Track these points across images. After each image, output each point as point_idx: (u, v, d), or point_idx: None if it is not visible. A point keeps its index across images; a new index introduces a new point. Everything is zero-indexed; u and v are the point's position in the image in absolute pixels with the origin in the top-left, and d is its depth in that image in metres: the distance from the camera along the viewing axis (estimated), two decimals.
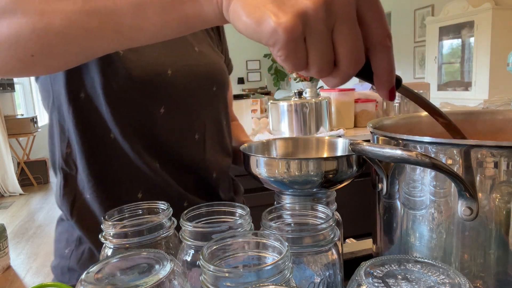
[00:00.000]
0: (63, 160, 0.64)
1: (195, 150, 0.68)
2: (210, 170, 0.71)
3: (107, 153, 0.62)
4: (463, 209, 0.38)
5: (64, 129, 0.63)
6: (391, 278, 0.29)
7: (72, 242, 0.65)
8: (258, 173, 0.51)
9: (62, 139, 0.63)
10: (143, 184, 0.64)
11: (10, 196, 4.53)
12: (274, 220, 0.44)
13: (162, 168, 0.64)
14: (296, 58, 0.31)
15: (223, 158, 0.76)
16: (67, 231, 0.66)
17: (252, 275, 0.30)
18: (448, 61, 4.69)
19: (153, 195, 0.62)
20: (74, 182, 0.64)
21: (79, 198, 0.63)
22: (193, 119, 0.68)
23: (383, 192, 0.46)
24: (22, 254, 2.97)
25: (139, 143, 0.62)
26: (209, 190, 0.72)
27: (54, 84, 0.61)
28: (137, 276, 0.32)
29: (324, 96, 2.05)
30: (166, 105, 0.63)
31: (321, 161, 0.48)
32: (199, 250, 0.38)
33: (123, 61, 0.59)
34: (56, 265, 0.67)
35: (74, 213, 0.63)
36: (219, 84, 0.73)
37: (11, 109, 5.34)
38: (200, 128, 0.69)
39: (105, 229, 0.43)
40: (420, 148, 0.41)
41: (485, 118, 0.60)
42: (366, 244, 0.65)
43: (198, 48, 0.71)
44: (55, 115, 0.63)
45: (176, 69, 0.64)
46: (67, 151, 0.63)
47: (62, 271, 0.65)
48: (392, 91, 0.35)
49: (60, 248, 0.67)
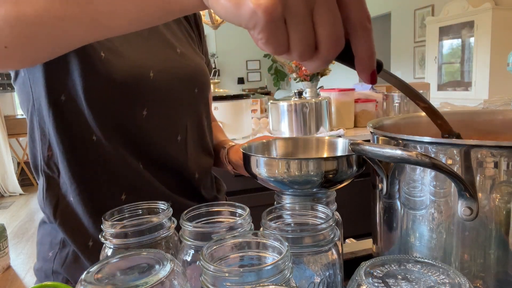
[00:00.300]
0: (45, 163, 0.63)
1: (177, 151, 0.68)
2: (193, 171, 0.71)
3: (89, 155, 0.61)
4: (463, 209, 0.38)
5: (45, 132, 0.62)
6: (391, 278, 0.29)
7: (55, 245, 0.64)
8: (258, 173, 0.51)
9: (43, 142, 0.62)
10: (126, 186, 0.63)
11: (10, 196, 4.53)
12: (274, 220, 0.44)
13: (145, 168, 0.64)
14: (277, 41, 0.30)
15: (205, 158, 0.76)
16: (50, 234, 0.66)
17: (252, 275, 0.30)
18: (448, 61, 4.69)
19: (137, 196, 0.61)
20: (57, 185, 0.63)
21: (62, 201, 0.63)
22: (175, 120, 0.68)
23: (383, 192, 0.46)
24: (22, 254, 2.97)
25: (122, 145, 0.62)
26: (192, 190, 0.72)
27: (34, 87, 0.60)
28: (137, 276, 0.32)
29: (324, 96, 2.05)
30: (148, 107, 0.63)
31: (321, 161, 0.48)
32: (199, 250, 0.38)
33: (105, 63, 0.58)
34: (39, 268, 0.66)
35: (57, 216, 0.62)
36: (201, 86, 0.73)
37: (11, 109, 5.34)
38: (182, 129, 0.69)
39: (105, 229, 0.43)
40: (420, 148, 0.41)
41: (485, 118, 0.60)
42: (366, 244, 0.65)
43: (180, 50, 0.70)
44: (36, 118, 0.62)
45: (158, 71, 0.64)
46: (49, 153, 0.62)
47: (45, 274, 0.65)
48: (373, 75, 0.34)
49: (43, 251, 0.66)
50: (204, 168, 0.75)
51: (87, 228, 0.62)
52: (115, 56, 0.59)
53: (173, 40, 0.70)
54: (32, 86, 0.61)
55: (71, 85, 0.58)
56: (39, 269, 0.67)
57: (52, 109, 0.59)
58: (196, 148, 0.73)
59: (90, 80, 0.58)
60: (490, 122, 0.59)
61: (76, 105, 0.59)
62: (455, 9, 4.33)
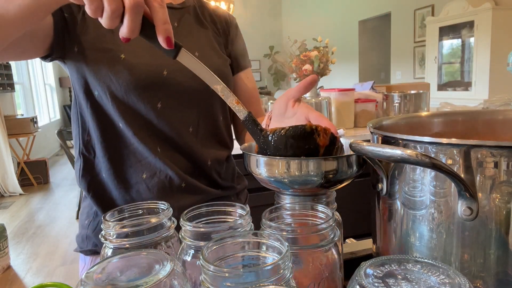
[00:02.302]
0: (84, 146, 0.76)
1: (189, 140, 0.77)
2: (205, 158, 0.79)
3: (118, 139, 0.74)
4: (463, 209, 0.38)
5: (84, 120, 0.75)
6: (391, 278, 0.29)
7: (90, 215, 0.78)
8: (258, 173, 0.51)
9: (83, 129, 0.75)
10: (147, 166, 0.74)
11: (10, 196, 4.53)
12: (274, 220, 0.44)
13: (162, 152, 0.75)
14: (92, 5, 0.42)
15: (219, 149, 0.84)
16: (88, 205, 0.79)
17: (252, 275, 0.30)
18: (448, 61, 4.69)
19: (155, 175, 0.74)
20: (92, 164, 0.76)
21: (95, 178, 0.76)
22: (187, 114, 0.77)
23: (383, 192, 0.46)
24: (22, 254, 2.97)
25: (142, 132, 0.73)
26: (204, 175, 0.80)
27: (74, 85, 0.74)
28: (137, 276, 0.32)
29: (324, 96, 2.06)
30: (162, 101, 0.74)
31: (321, 161, 0.48)
32: (199, 250, 0.38)
33: (125, 63, 0.70)
34: (78, 235, 0.80)
35: (91, 190, 0.75)
36: None
37: (11, 109, 5.34)
38: (194, 122, 0.78)
39: (105, 229, 0.43)
40: (420, 148, 0.41)
41: (485, 118, 0.60)
42: (366, 244, 0.65)
43: (199, 53, 0.78)
44: (77, 109, 0.75)
45: (171, 70, 0.74)
46: (87, 138, 0.75)
47: (82, 238, 0.78)
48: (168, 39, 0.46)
49: (82, 219, 0.80)
50: (217, 158, 0.82)
51: (115, 199, 0.75)
52: (133, 57, 0.71)
53: (193, 45, 0.79)
54: (73, 83, 0.74)
55: (101, 82, 0.70)
56: (78, 235, 0.80)
57: (90, 102, 0.72)
58: (209, 140, 0.81)
59: (113, 77, 0.70)
60: (490, 122, 0.59)
61: (105, 98, 0.71)
62: (455, 9, 4.33)
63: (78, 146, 0.76)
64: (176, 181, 0.75)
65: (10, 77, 5.15)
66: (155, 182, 0.74)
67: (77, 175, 0.77)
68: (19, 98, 6.05)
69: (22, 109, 6.12)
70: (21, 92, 6.10)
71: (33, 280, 2.58)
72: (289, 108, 0.58)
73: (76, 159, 0.78)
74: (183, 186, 0.76)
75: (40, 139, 5.76)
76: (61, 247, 3.05)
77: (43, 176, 5.06)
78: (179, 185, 0.76)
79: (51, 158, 6.49)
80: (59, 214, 3.84)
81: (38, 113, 6.51)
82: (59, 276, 2.62)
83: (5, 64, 5.07)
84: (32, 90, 6.36)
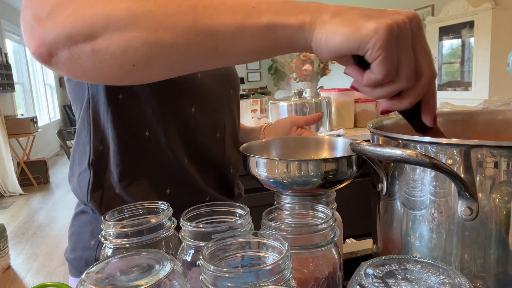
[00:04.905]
0: (95, 157, 0.66)
1: (217, 147, 0.75)
2: (228, 166, 0.77)
3: (141, 150, 0.66)
4: (463, 209, 0.38)
5: (99, 127, 0.65)
6: (391, 278, 0.29)
7: (97, 234, 0.67)
8: (258, 174, 0.51)
9: (95, 137, 0.66)
10: (172, 180, 0.68)
11: (10, 196, 4.53)
12: (274, 220, 0.44)
13: (189, 164, 0.70)
14: (391, 61, 0.35)
15: (237, 154, 0.82)
16: (90, 223, 0.68)
17: (252, 275, 0.30)
18: (448, 61, 4.68)
19: (180, 190, 0.68)
20: (103, 178, 0.66)
21: (107, 193, 0.66)
22: (216, 118, 0.75)
23: (383, 192, 0.46)
24: (22, 254, 2.97)
25: (173, 140, 0.67)
26: (227, 186, 0.78)
27: (91, 85, 0.64)
28: (137, 276, 0.32)
29: (324, 96, 2.05)
30: (196, 104, 0.70)
31: (320, 162, 0.48)
32: (199, 250, 0.38)
33: None
34: (78, 257, 0.69)
35: (102, 207, 0.65)
36: (235, 87, 0.81)
37: (11, 109, 5.34)
38: (221, 126, 0.76)
39: (105, 229, 0.43)
40: (420, 148, 0.41)
41: (485, 118, 0.60)
42: (366, 244, 0.65)
43: None
44: (90, 114, 0.65)
45: (203, 72, 0.70)
46: (100, 148, 0.66)
47: (86, 262, 0.67)
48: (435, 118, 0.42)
49: (83, 240, 0.69)
50: (236, 164, 0.81)
51: None
52: None
53: None
54: (89, 84, 0.64)
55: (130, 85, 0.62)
56: (78, 258, 0.69)
57: (111, 107, 0.64)
58: (230, 144, 0.79)
59: None
60: (490, 122, 0.59)
61: (133, 103, 0.64)
62: (455, 9, 4.33)
63: (88, 156, 0.66)
64: (201, 195, 0.71)
65: (10, 77, 5.15)
66: (179, 198, 0.67)
67: (84, 190, 0.66)
68: (19, 98, 6.05)
69: (22, 109, 6.12)
70: (21, 92, 6.10)
71: (33, 280, 2.58)
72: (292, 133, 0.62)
73: (82, 171, 0.67)
74: (207, 200, 0.71)
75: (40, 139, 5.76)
76: (61, 247, 3.05)
77: (43, 176, 5.07)
78: (203, 200, 0.71)
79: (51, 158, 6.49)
80: (59, 214, 3.85)
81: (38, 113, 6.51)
82: (59, 276, 2.62)
83: (5, 64, 5.07)
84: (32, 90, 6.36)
